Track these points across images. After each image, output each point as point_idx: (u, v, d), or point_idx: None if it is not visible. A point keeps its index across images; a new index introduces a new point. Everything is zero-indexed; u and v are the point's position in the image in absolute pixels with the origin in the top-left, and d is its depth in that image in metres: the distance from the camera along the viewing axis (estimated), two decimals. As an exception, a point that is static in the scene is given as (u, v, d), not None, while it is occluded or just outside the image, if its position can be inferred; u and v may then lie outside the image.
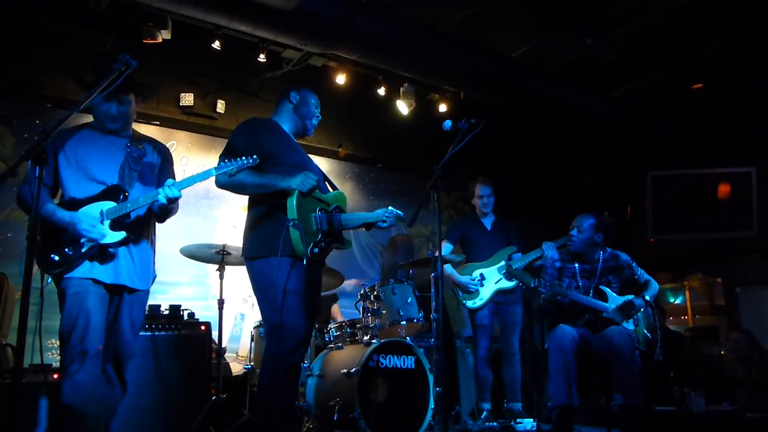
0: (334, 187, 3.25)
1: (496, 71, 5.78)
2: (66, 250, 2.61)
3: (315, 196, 2.93)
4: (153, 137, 3.08)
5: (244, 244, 2.99)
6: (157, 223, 2.97)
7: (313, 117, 3.21)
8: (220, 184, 2.91)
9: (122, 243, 2.70)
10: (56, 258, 2.59)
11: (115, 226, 2.69)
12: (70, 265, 2.61)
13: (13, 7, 4.75)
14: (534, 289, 4.03)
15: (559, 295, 3.98)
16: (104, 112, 2.78)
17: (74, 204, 2.67)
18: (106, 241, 2.66)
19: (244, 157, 2.74)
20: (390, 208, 3.23)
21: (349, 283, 5.24)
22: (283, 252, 2.77)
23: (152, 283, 2.94)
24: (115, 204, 2.70)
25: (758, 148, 6.45)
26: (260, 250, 2.86)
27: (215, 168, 2.75)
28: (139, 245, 2.81)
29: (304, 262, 2.80)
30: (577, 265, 4.22)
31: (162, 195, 2.63)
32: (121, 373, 2.78)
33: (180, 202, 2.76)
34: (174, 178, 2.86)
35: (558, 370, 3.85)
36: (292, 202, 2.80)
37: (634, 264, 4.28)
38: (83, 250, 2.64)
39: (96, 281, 2.64)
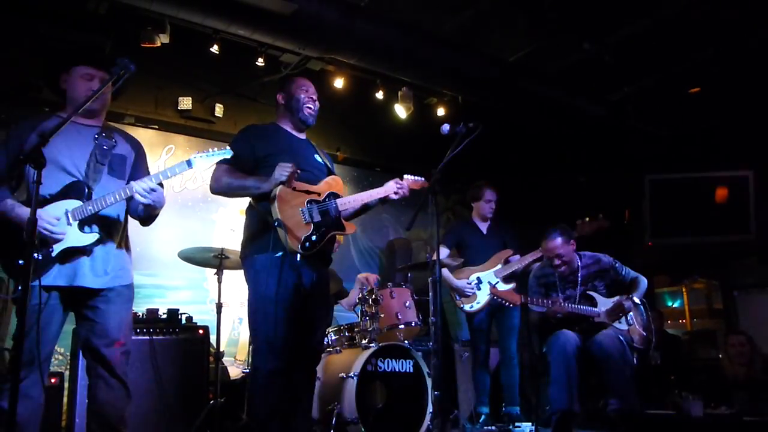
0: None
1: (494, 75, 5.80)
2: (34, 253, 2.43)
3: (302, 190, 2.91)
4: (126, 131, 2.96)
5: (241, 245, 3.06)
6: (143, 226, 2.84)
7: (304, 106, 3.14)
8: (214, 191, 2.98)
9: (94, 245, 2.55)
10: (22, 262, 2.38)
11: (83, 226, 2.54)
12: (37, 270, 2.39)
13: (10, 11, 4.74)
14: (524, 305, 4.09)
15: (552, 315, 4.03)
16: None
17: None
18: (75, 243, 2.50)
19: (217, 149, 2.75)
20: (405, 176, 3.21)
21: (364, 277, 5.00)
22: (275, 250, 2.81)
23: (131, 286, 2.73)
24: (81, 203, 2.53)
25: (755, 152, 6.47)
26: (249, 249, 2.94)
27: (187, 162, 2.69)
28: (107, 245, 2.62)
29: (297, 258, 2.81)
30: (558, 276, 4.25)
31: (135, 188, 2.53)
32: (116, 375, 2.63)
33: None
34: (149, 173, 2.76)
35: (560, 376, 3.85)
36: (274, 203, 2.79)
37: (617, 264, 4.28)
38: (54, 255, 2.45)
39: (54, 288, 2.46)
